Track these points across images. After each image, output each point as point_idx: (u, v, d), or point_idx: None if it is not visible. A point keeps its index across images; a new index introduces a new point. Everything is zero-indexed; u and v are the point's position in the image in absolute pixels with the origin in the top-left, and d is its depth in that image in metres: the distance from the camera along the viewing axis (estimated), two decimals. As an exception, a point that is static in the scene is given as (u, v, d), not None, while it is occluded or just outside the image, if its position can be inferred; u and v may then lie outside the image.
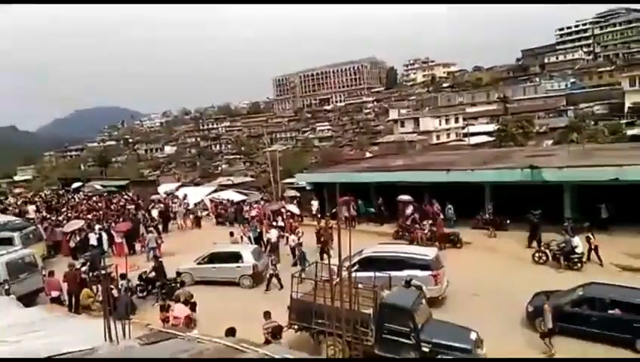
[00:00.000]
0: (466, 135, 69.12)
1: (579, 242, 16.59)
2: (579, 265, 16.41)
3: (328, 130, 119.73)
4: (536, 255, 17.55)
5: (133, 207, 31.44)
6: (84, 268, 16.54)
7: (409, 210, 22.74)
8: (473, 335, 10.61)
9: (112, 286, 12.18)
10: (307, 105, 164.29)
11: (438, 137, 69.72)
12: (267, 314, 11.33)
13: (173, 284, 16.12)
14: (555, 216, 19.74)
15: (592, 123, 56.97)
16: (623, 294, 11.97)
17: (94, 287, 15.61)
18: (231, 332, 9.92)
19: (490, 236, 21.00)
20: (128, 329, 8.22)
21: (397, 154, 41.62)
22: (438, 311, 12.90)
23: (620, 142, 39.82)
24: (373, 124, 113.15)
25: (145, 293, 16.49)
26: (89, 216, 27.43)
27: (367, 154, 59.71)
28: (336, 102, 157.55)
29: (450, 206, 22.83)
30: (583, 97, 77.53)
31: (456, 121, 75.29)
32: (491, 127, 65.92)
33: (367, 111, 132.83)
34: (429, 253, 15.05)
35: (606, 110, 69.15)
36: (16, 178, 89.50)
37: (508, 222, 21.36)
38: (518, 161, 25.12)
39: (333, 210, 24.07)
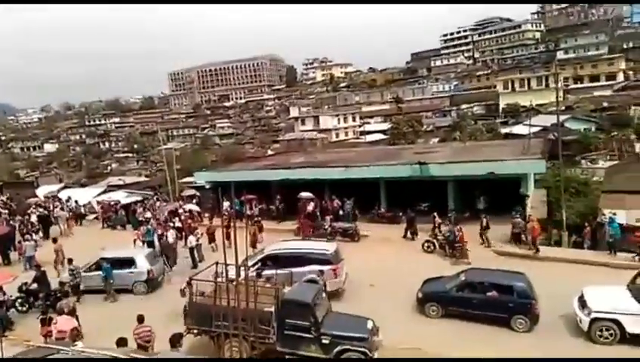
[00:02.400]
0: (362, 133, 72.22)
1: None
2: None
3: (229, 127, 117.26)
4: (425, 244, 18.95)
5: (6, 211, 28.08)
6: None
7: (310, 206, 23.17)
8: (369, 324, 11.13)
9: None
10: (206, 102, 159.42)
11: (337, 135, 72.06)
12: (140, 319, 10.88)
13: (58, 295, 14.70)
14: (441, 207, 21.44)
15: (472, 122, 62.70)
16: (498, 277, 13.38)
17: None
18: (122, 342, 9.34)
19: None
20: (1, 346, 7.34)
21: (298, 152, 42.16)
22: (338, 303, 13.33)
23: (496, 140, 44.32)
24: (274, 121, 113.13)
25: (26, 307, 14.87)
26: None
27: (269, 152, 59.76)
28: (237, 99, 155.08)
29: (349, 201, 23.69)
30: (464, 99, 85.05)
31: (354, 119, 78.39)
32: (385, 126, 69.70)
33: (268, 108, 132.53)
34: (329, 247, 15.48)
35: (484, 110, 76.58)
36: None
37: (400, 214, 22.75)
38: (409, 157, 26.84)
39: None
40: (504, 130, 53.46)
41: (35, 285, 15.28)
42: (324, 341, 10.60)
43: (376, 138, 64.23)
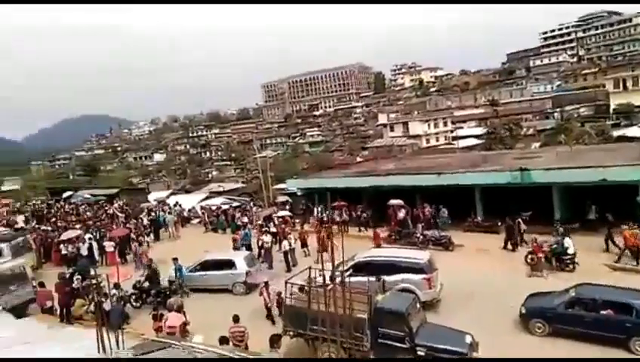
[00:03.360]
0: (455, 138, 69.69)
1: (570, 243, 16.74)
2: (571, 266, 16.55)
3: (318, 135, 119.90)
4: (529, 257, 17.67)
5: (123, 215, 31.16)
6: (75, 278, 16.31)
7: (401, 213, 22.81)
8: (468, 339, 10.64)
9: (102, 298, 12.00)
10: (296, 111, 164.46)
11: (427, 141, 70.18)
12: (235, 319, 11.34)
13: (167, 292, 15.97)
14: (544, 217, 19.93)
15: (579, 124, 57.76)
16: (614, 294, 12.09)
17: (87, 297, 15.41)
18: (224, 340, 9.88)
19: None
20: (122, 339, 8.12)
21: (387, 159, 41.82)
22: (432, 314, 12.92)
23: (607, 143, 40.39)
24: (362, 128, 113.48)
25: (140, 302, 16.30)
26: (77, 226, 27.10)
27: (358, 159, 59.92)
28: (326, 107, 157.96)
29: (444, 209, 22.94)
30: (569, 100, 78.51)
31: (445, 124, 75.87)
32: (480, 130, 66.56)
33: (357, 116, 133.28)
34: (423, 256, 15.09)
35: (592, 112, 70.14)
36: (3, 188, 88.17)
37: (499, 224, 21.53)
38: (507, 163, 25.36)
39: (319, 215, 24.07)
40: (616, 133, 48.64)
41: (147, 283, 16.73)
42: (419, 352, 10.33)
43: (470, 143, 61.50)
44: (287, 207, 29.83)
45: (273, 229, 23.15)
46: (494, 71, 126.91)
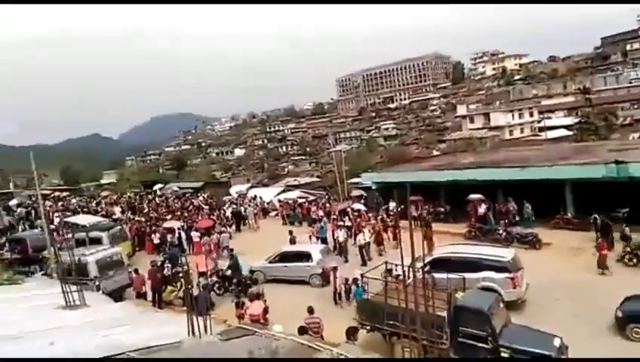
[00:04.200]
0: (541, 129, 65.31)
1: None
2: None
3: (393, 128, 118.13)
4: (626, 257, 16.22)
5: (207, 207, 32.94)
6: (165, 266, 17.54)
7: (482, 208, 21.90)
8: (557, 341, 10.01)
9: (190, 285, 12.82)
10: (371, 105, 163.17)
11: (510, 132, 66.49)
12: (310, 310, 11.49)
13: (248, 282, 16.67)
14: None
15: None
16: None
17: (177, 284, 16.52)
18: (303, 330, 10.13)
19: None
20: (209, 324, 8.60)
21: (466, 152, 40.29)
22: (518, 315, 12.30)
23: None
24: (439, 121, 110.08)
25: (222, 290, 17.15)
26: (168, 217, 29.10)
27: (434, 153, 58.33)
28: (401, 100, 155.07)
29: (528, 205, 21.69)
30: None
31: (531, 115, 71.31)
32: (570, 120, 61.83)
33: (433, 108, 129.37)
34: (506, 254, 14.39)
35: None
36: (102, 181, 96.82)
37: (591, 221, 19.90)
38: (602, 155, 23.37)
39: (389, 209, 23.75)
40: None
41: (229, 271, 17.57)
42: (503, 353, 9.89)
43: (559, 134, 57.35)
44: (362, 201, 29.83)
45: (348, 223, 23.29)
46: (586, 56, 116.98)
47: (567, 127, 59.99)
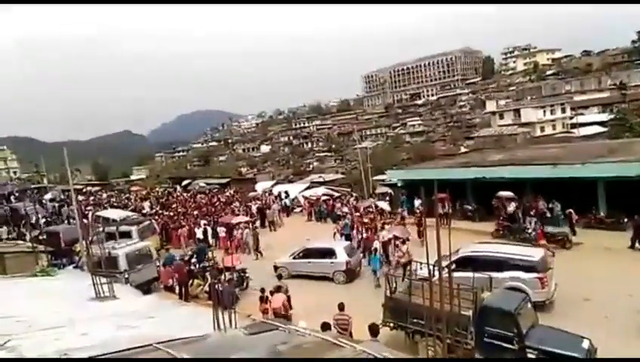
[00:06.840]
0: (574, 126, 63.43)
1: None
2: None
3: (419, 125, 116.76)
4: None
5: (238, 203, 33.35)
6: (192, 260, 17.87)
7: (511, 207, 21.45)
8: (586, 343, 9.73)
9: (216, 279, 13.03)
10: (397, 101, 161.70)
11: (542, 129, 64.84)
12: (341, 307, 11.48)
13: (241, 274, 16.89)
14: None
15: None
16: None
17: (203, 278, 16.82)
18: (326, 326, 10.16)
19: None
20: (234, 318, 8.71)
21: (495, 149, 39.50)
22: (546, 316, 12.01)
23: None
24: (467, 117, 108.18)
25: (245, 285, 17.38)
26: (195, 212, 29.60)
27: (462, 149, 57.44)
28: (428, 96, 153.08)
29: (557, 203, 21.13)
30: None
31: (563, 111, 69.34)
32: (604, 117, 59.87)
33: (462, 104, 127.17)
34: (535, 253, 14.06)
35: None
36: (132, 177, 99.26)
37: (625, 221, 19.27)
38: (636, 153, 22.53)
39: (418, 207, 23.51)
40: None
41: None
42: (530, 355, 9.69)
43: (593, 131, 55.59)
44: (387, 198, 29.63)
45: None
46: (622, 51, 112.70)
47: (601, 123, 58.14)
